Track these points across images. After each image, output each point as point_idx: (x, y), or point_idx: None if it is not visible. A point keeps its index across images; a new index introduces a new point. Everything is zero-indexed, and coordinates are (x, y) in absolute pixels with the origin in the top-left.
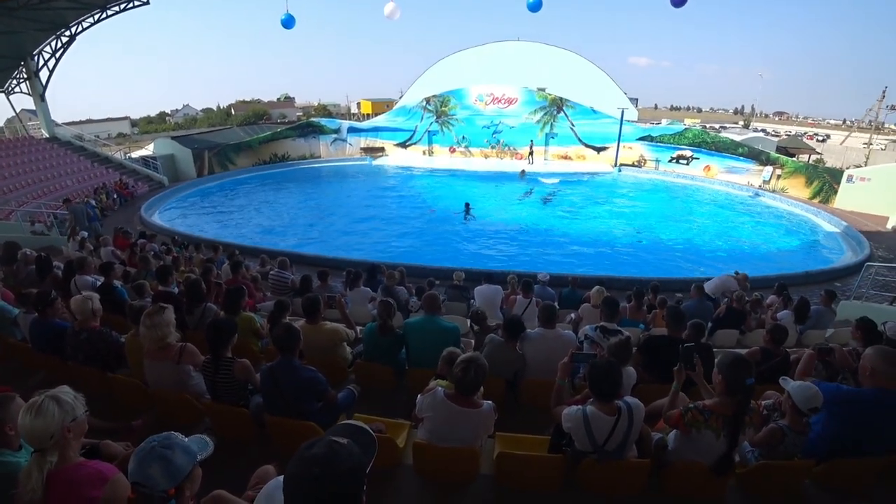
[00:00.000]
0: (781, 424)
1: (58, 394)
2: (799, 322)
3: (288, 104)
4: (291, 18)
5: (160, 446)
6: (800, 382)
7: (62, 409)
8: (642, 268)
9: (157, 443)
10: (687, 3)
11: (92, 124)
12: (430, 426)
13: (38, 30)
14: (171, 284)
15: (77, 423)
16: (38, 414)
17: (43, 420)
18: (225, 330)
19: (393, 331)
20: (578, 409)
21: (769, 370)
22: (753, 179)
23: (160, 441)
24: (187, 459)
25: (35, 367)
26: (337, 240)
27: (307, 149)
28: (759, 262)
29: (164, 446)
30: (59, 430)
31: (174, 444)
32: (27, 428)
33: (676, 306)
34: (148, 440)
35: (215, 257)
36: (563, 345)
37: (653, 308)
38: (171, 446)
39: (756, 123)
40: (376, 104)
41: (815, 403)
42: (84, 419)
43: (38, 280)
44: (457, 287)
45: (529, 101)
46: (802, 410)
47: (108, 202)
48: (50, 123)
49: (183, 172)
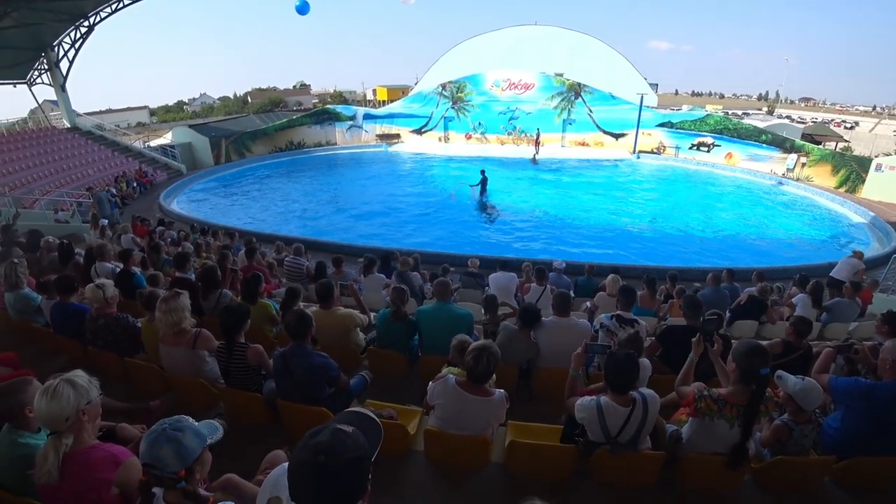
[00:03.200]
0: (785, 420)
1: (73, 377)
2: (816, 306)
3: (304, 91)
4: (306, 4)
5: (171, 429)
6: (801, 382)
7: (77, 393)
8: (659, 256)
9: (169, 425)
10: None
11: (112, 114)
12: (441, 413)
13: (56, 21)
14: (187, 271)
15: (91, 407)
16: (54, 397)
17: (58, 403)
18: (238, 315)
19: (406, 317)
20: (592, 400)
21: (791, 364)
22: (777, 167)
23: (171, 424)
24: (197, 442)
25: (57, 351)
26: (352, 226)
27: (323, 136)
28: (782, 252)
29: (175, 429)
30: (73, 413)
31: (185, 427)
32: (43, 410)
33: (694, 295)
34: (159, 423)
35: (231, 244)
36: (577, 333)
37: (669, 297)
38: (181, 429)
39: (781, 110)
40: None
41: (818, 403)
42: (98, 402)
43: (61, 267)
44: (471, 274)
45: (547, 87)
46: (805, 409)
47: (128, 190)
48: (71, 113)
49: (200, 160)
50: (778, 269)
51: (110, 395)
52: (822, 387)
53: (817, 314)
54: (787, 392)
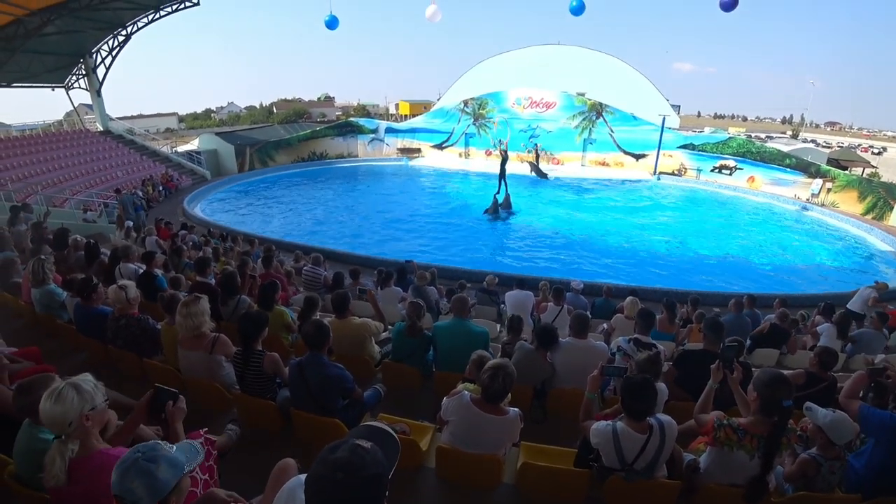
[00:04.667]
0: (814, 455)
1: (78, 381)
2: (841, 337)
3: (328, 104)
4: (335, 20)
5: (144, 459)
6: (832, 414)
7: (81, 398)
8: (679, 280)
9: (141, 454)
10: (737, 6)
11: (143, 119)
12: (454, 430)
13: (96, 29)
14: (208, 275)
15: (96, 412)
16: (58, 400)
17: (62, 406)
18: (257, 323)
19: (421, 332)
20: (608, 425)
21: (814, 395)
22: (801, 192)
23: (144, 453)
24: (172, 473)
25: (79, 348)
26: (371, 238)
27: (345, 148)
28: (805, 279)
29: (148, 459)
30: (77, 418)
31: (159, 457)
32: (46, 413)
33: (715, 318)
34: (133, 450)
35: (251, 251)
36: (594, 355)
37: (689, 322)
38: (155, 459)
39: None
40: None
41: (850, 437)
42: (104, 408)
43: (86, 266)
44: (487, 291)
45: (568, 106)
46: (836, 444)
47: (153, 194)
48: (104, 117)
49: (225, 167)
50: (801, 297)
51: (127, 394)
52: (851, 414)
53: (842, 345)
54: (816, 424)
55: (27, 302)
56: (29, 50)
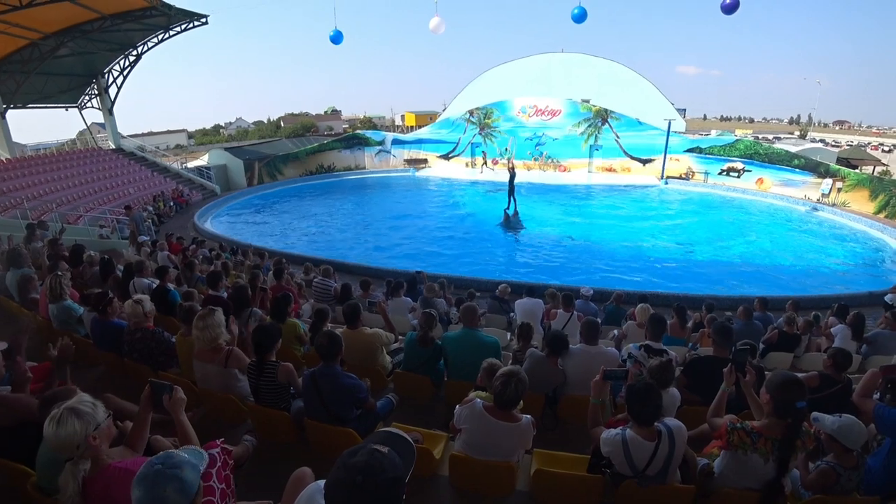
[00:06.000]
0: (832, 464)
1: (77, 405)
2: (856, 339)
3: (335, 117)
4: (340, 34)
5: (167, 467)
6: (839, 420)
7: (82, 421)
8: (689, 284)
9: (161, 464)
10: (738, 9)
11: (153, 136)
12: (467, 438)
13: (108, 50)
14: (220, 289)
15: (101, 430)
16: (60, 426)
17: (65, 432)
18: (270, 335)
19: (433, 342)
20: (617, 433)
21: (829, 398)
22: (811, 193)
23: (164, 461)
24: (195, 473)
25: (96, 362)
26: (380, 249)
27: (352, 160)
28: (818, 280)
29: (172, 465)
30: (83, 441)
31: (180, 462)
32: (51, 439)
33: (725, 323)
34: (148, 463)
35: (262, 264)
36: (605, 362)
37: (700, 327)
38: (177, 465)
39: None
40: (420, 116)
41: (863, 439)
42: (108, 424)
43: (101, 281)
44: (498, 299)
45: (573, 113)
46: (851, 449)
47: (165, 209)
48: (116, 135)
49: (234, 182)
50: (815, 298)
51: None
52: (866, 413)
53: (857, 346)
54: (826, 433)
55: (45, 317)
56: (43, 72)
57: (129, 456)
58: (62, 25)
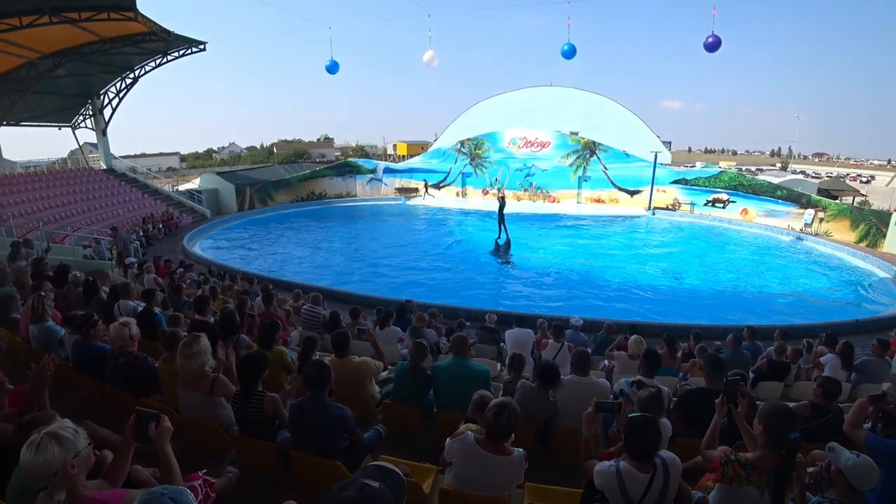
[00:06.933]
0: (833, 500)
1: (58, 431)
2: (846, 368)
3: (327, 144)
4: (335, 65)
5: (169, 497)
6: (855, 458)
7: (62, 447)
8: (678, 314)
9: (168, 492)
10: (720, 48)
11: (145, 158)
12: (457, 471)
13: (105, 72)
14: (208, 314)
15: (80, 459)
16: (38, 452)
17: (43, 457)
18: (256, 364)
19: (424, 372)
20: (611, 465)
21: (820, 427)
22: (794, 223)
23: (171, 492)
24: None
25: (75, 387)
26: (368, 276)
27: (344, 187)
28: (804, 309)
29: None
30: (61, 468)
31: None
32: (28, 466)
33: (715, 354)
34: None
35: (250, 289)
36: (597, 393)
37: (691, 356)
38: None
39: (795, 165)
40: (411, 146)
41: (872, 484)
42: (88, 453)
43: (85, 303)
44: (487, 329)
45: (562, 145)
46: (857, 490)
47: (153, 231)
48: (108, 156)
49: (225, 206)
50: (802, 327)
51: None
52: (858, 442)
53: (847, 375)
54: (837, 467)
55: (24, 338)
56: (39, 90)
57: (108, 488)
58: (61, 46)
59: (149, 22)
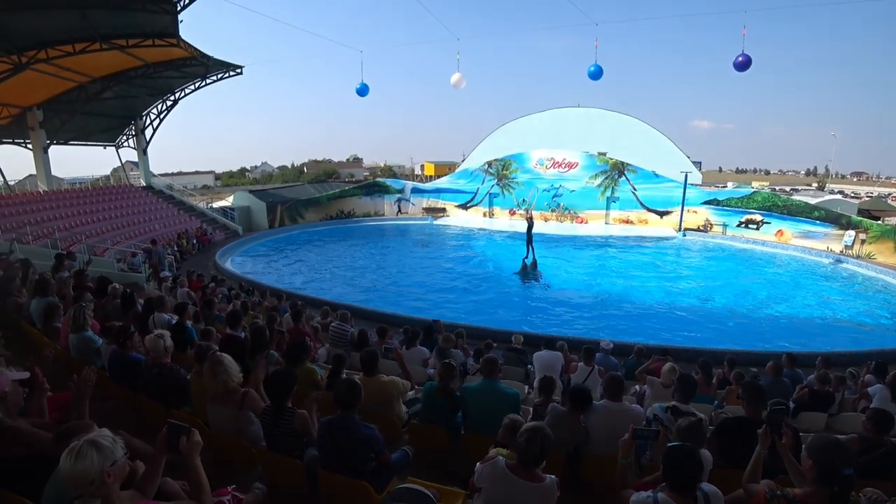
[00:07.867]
0: None
1: (97, 438)
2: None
3: (356, 164)
4: (366, 87)
5: None
6: None
7: (101, 455)
8: (711, 339)
9: None
10: (750, 67)
11: (182, 176)
12: (487, 498)
13: (148, 94)
14: (239, 329)
15: (117, 467)
16: (78, 459)
17: (82, 464)
18: (286, 382)
19: (453, 393)
20: (649, 496)
21: (872, 463)
22: (833, 245)
23: None
24: None
25: (109, 395)
26: (396, 295)
27: (372, 207)
28: (847, 336)
29: None
30: (98, 476)
31: None
32: (67, 472)
33: (755, 381)
34: None
35: (279, 305)
36: (630, 419)
37: (727, 383)
38: None
39: (832, 185)
40: (439, 166)
41: None
42: (124, 462)
43: (122, 314)
44: (515, 350)
45: (590, 166)
46: None
47: (187, 247)
48: (148, 174)
49: (256, 223)
50: (846, 354)
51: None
52: None
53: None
54: None
55: (64, 346)
56: (87, 112)
57: (140, 499)
58: (110, 71)
59: (190, 48)
